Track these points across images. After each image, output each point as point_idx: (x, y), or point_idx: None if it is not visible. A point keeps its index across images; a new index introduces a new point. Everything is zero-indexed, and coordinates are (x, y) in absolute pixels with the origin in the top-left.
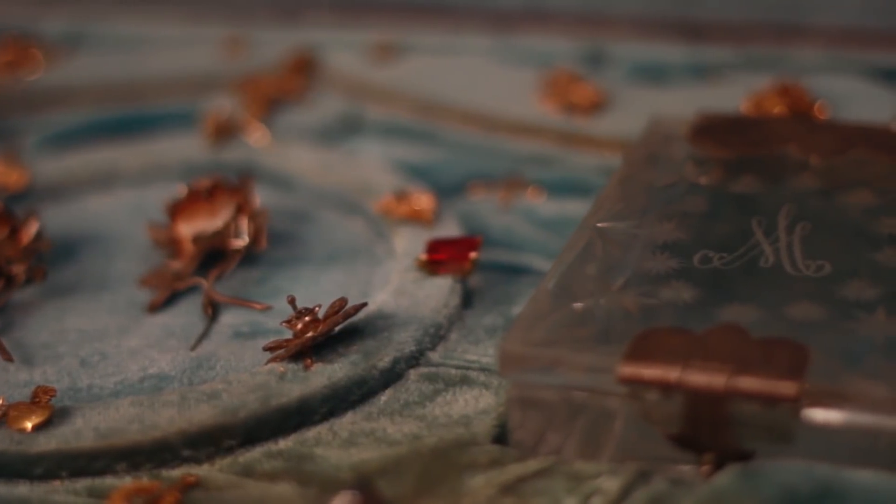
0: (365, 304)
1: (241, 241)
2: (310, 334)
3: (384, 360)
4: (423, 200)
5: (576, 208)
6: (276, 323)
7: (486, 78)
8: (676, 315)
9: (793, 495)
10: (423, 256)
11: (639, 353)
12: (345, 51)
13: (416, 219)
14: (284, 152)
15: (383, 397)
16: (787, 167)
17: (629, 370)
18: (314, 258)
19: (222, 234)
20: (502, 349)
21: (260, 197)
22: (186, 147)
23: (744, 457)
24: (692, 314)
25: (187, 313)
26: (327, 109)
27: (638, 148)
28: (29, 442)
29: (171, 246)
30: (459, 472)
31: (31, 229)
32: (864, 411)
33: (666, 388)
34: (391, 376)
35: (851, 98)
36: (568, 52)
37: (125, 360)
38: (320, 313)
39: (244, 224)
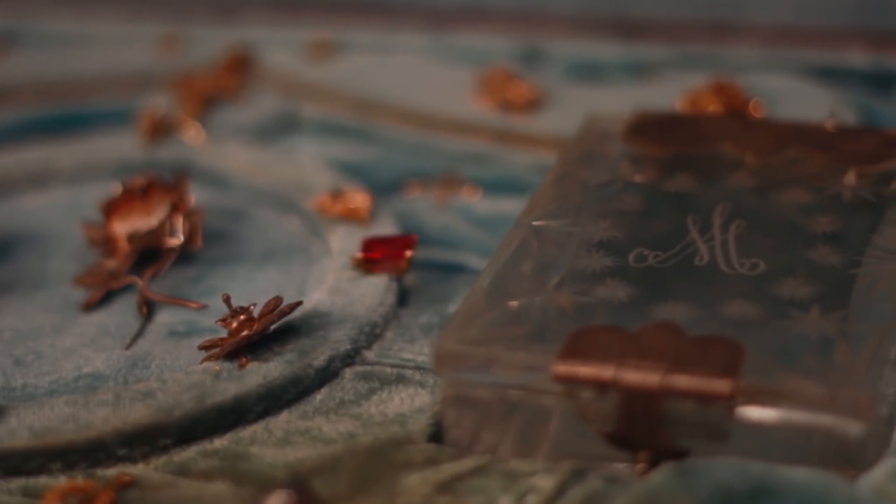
0: (300, 303)
1: (177, 240)
2: (245, 333)
3: (320, 359)
4: (359, 199)
5: (512, 206)
6: (211, 322)
7: (423, 76)
8: (611, 313)
9: (728, 493)
10: (359, 255)
11: (573, 351)
12: (281, 49)
13: (351, 217)
14: (220, 151)
15: (319, 396)
16: (723, 165)
17: (564, 368)
18: (250, 257)
19: (157, 233)
20: (437, 347)
21: (195, 195)
22: (122, 145)
23: (679, 455)
24: (627, 312)
25: (122, 312)
26: (263, 108)
27: (573, 146)
28: None
29: (106, 245)
30: (395, 471)
31: None
32: (798, 409)
33: (601, 386)
34: (327, 375)
35: (786, 96)
36: (504, 51)
37: (60, 359)
38: (255, 312)
39: (179, 223)
